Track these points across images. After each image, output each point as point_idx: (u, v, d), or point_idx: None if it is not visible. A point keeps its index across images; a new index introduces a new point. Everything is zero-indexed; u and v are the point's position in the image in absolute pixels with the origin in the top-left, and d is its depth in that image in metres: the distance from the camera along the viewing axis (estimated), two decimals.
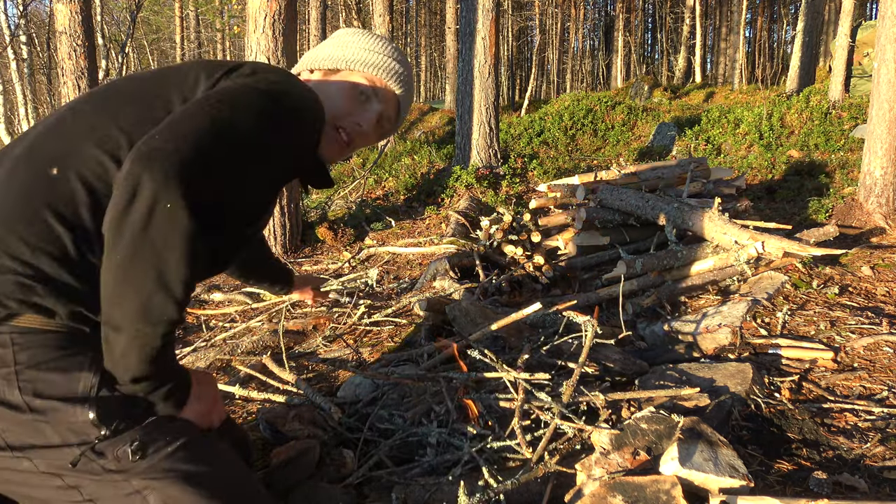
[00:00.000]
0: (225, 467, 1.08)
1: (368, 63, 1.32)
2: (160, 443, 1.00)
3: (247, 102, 1.04)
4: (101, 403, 0.98)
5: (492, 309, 2.64)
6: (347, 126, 1.30)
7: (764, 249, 3.01)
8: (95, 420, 0.97)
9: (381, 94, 1.34)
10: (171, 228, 0.90)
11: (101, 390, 0.99)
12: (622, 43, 31.41)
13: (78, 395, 0.98)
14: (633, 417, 1.64)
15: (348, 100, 1.30)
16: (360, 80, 1.31)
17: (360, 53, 1.32)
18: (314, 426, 1.77)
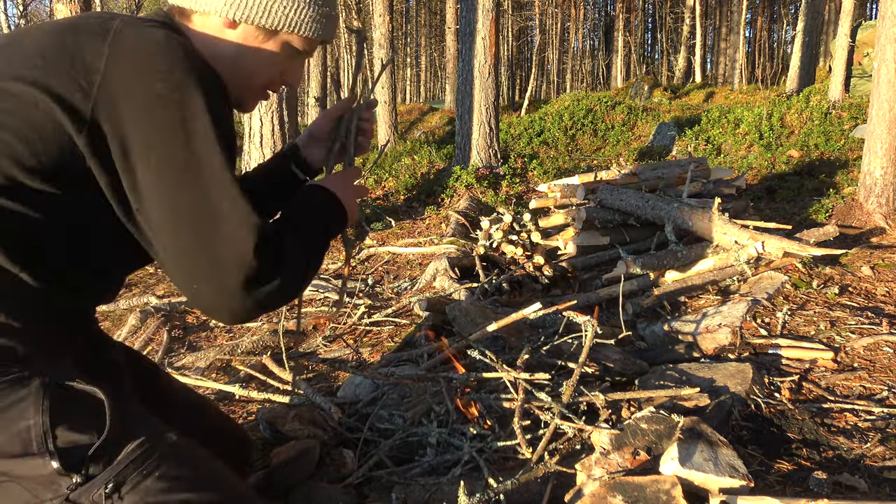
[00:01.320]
0: (206, 480, 1.03)
1: (309, 20, 1.12)
2: (135, 477, 0.93)
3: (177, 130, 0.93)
4: (61, 450, 0.90)
5: (492, 309, 2.64)
6: (276, 86, 1.21)
7: (764, 249, 3.01)
8: (61, 470, 0.89)
9: (313, 45, 1.18)
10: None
11: (57, 430, 0.90)
12: (622, 43, 31.42)
13: (34, 448, 0.89)
14: (633, 417, 1.64)
15: (281, 62, 1.15)
16: (297, 44, 1.14)
17: (300, 9, 1.11)
18: (314, 426, 1.77)
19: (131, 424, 0.99)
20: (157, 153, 0.92)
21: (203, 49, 1.06)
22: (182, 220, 0.93)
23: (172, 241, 0.94)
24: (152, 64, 0.92)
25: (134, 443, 0.96)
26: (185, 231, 0.93)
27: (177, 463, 0.99)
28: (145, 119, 0.91)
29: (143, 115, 0.91)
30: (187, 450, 1.05)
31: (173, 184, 0.92)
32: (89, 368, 1.04)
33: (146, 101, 0.91)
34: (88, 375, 0.99)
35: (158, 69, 0.92)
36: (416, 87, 38.25)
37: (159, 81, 0.91)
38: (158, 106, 0.91)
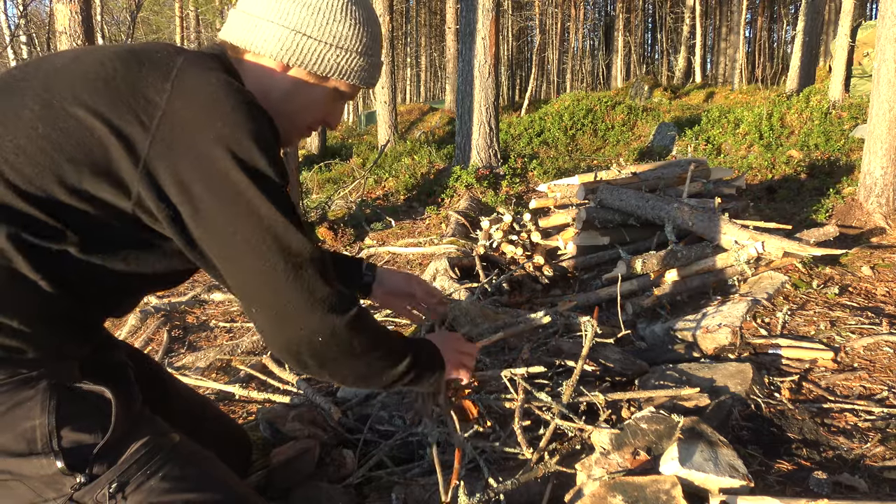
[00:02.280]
0: (209, 480, 1.04)
1: (359, 69, 1.15)
2: (139, 477, 0.95)
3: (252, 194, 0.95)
4: (66, 450, 0.91)
5: (492, 309, 2.64)
6: (318, 126, 1.24)
7: (764, 249, 3.01)
8: (65, 469, 0.91)
9: (358, 90, 1.21)
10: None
11: (63, 430, 0.92)
12: (622, 43, 31.42)
13: (38, 447, 0.91)
14: (633, 417, 1.64)
15: (326, 105, 1.19)
16: (344, 89, 1.17)
17: (352, 59, 1.13)
18: (314, 426, 1.77)
19: (136, 425, 1.00)
20: (214, 197, 0.93)
21: (253, 86, 1.07)
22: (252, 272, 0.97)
23: (247, 288, 1.00)
24: (214, 108, 0.94)
25: (138, 443, 0.97)
26: (258, 284, 0.98)
27: (180, 463, 1.00)
28: (206, 162, 0.92)
29: (204, 159, 0.92)
30: (190, 450, 1.06)
31: (235, 232, 0.95)
32: (96, 369, 1.04)
33: (207, 144, 0.92)
34: (95, 376, 1.00)
35: (220, 113, 0.93)
36: (416, 87, 38.25)
37: (221, 124, 0.93)
38: (219, 150, 0.92)
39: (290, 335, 1.01)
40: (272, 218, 0.95)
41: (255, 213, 0.94)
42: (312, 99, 1.15)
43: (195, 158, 0.92)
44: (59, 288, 0.95)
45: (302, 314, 0.99)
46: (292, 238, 0.96)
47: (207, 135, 0.92)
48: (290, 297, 0.98)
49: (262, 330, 1.04)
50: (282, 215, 0.95)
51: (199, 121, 0.92)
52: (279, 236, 0.95)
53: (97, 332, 1.14)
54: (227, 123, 0.93)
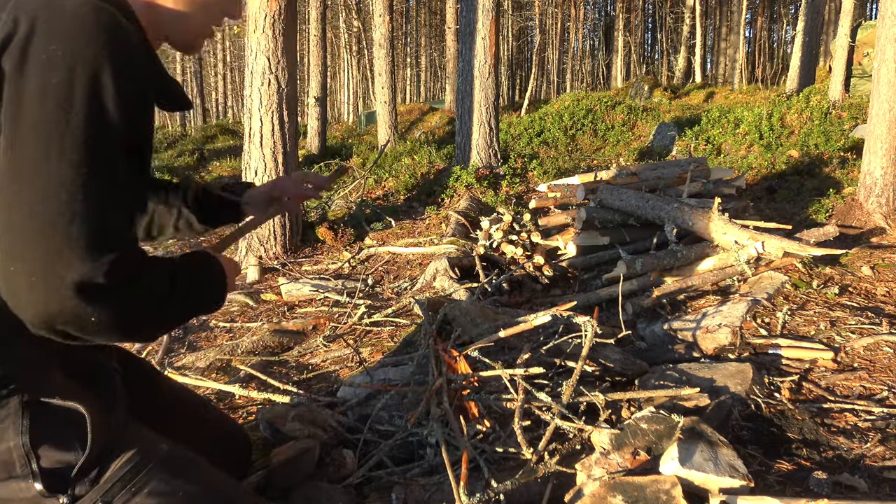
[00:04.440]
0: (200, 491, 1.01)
1: None
2: (124, 495, 0.91)
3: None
4: (45, 471, 0.87)
5: (492, 309, 2.64)
6: (219, 21, 1.15)
7: (764, 249, 3.01)
8: (44, 492, 0.87)
9: None
10: None
11: (40, 449, 0.88)
12: (622, 43, 31.42)
13: (17, 470, 0.87)
14: (633, 417, 1.64)
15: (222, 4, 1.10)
16: None
17: None
18: (314, 426, 1.77)
19: (120, 437, 0.97)
20: (44, 116, 0.80)
21: (141, 4, 1.01)
22: (45, 188, 0.80)
23: (13, 205, 0.80)
24: (58, 23, 0.82)
25: (123, 458, 0.94)
26: (36, 200, 0.80)
27: (167, 477, 0.97)
28: (37, 76, 0.80)
29: (36, 71, 0.81)
30: (179, 461, 1.02)
31: (52, 152, 0.80)
32: (78, 378, 0.99)
33: (41, 59, 0.81)
34: (77, 385, 0.96)
35: (62, 30, 0.82)
36: (416, 87, 38.24)
37: (66, 42, 0.82)
38: (61, 66, 0.81)
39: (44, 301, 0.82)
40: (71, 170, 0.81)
41: (57, 158, 0.80)
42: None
43: (27, 81, 0.81)
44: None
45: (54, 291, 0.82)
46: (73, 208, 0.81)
47: (42, 55, 0.81)
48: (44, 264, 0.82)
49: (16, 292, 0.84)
50: (85, 171, 0.81)
51: (41, 39, 0.82)
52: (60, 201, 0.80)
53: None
54: (68, 44, 0.81)
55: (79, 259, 0.81)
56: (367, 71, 28.86)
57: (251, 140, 4.80)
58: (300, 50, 22.21)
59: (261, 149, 4.75)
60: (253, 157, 4.80)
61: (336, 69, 34.33)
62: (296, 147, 5.02)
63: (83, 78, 0.82)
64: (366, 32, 25.20)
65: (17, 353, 0.91)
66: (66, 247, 0.80)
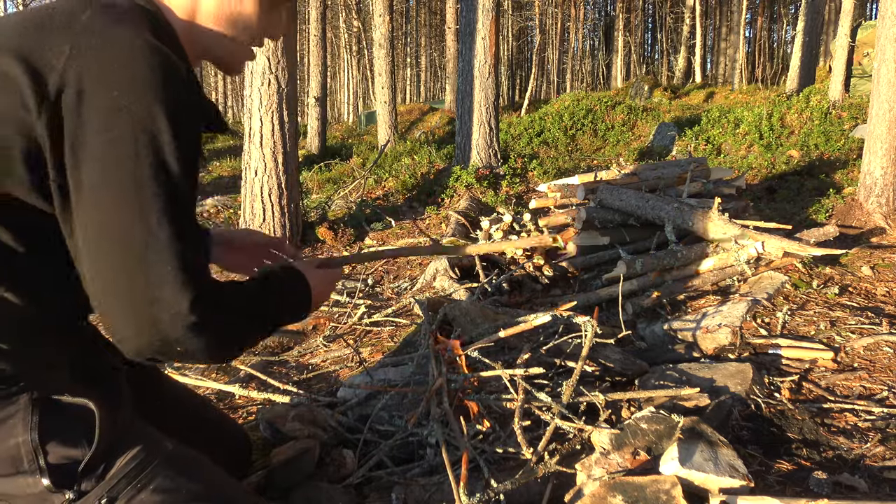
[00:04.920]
0: (203, 490, 1.01)
1: None
2: (129, 492, 0.92)
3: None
4: (52, 467, 0.88)
5: (492, 309, 2.64)
6: (260, 42, 1.13)
7: (764, 249, 3.01)
8: (52, 487, 0.88)
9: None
10: None
11: (48, 445, 0.89)
12: (622, 43, 31.42)
13: (24, 466, 0.88)
14: (633, 417, 1.64)
15: (261, 16, 1.09)
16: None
17: None
18: (314, 426, 1.77)
19: (125, 435, 0.98)
20: (109, 164, 0.83)
21: (179, 20, 1.01)
22: (128, 232, 0.84)
23: (101, 249, 0.85)
24: (118, 73, 0.84)
25: (128, 455, 0.95)
26: (121, 244, 0.84)
27: (172, 474, 0.98)
28: (98, 125, 0.83)
29: (97, 121, 0.83)
30: (183, 459, 1.03)
31: (128, 198, 0.84)
32: (85, 376, 1.01)
33: (100, 107, 0.83)
34: (84, 384, 0.97)
35: (124, 80, 0.84)
36: (416, 87, 38.24)
37: (117, 90, 0.83)
38: (120, 116, 0.83)
39: (137, 335, 0.86)
40: (147, 213, 0.84)
41: (135, 202, 0.83)
42: (245, 15, 1.06)
43: (88, 129, 0.83)
44: (24, 296, 0.91)
45: (147, 326, 0.86)
46: (152, 263, 0.84)
47: (102, 103, 0.83)
48: (135, 305, 0.85)
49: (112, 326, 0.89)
50: (160, 212, 0.84)
51: (96, 87, 0.83)
52: (141, 257, 0.84)
53: (77, 335, 1.10)
54: (126, 92, 0.83)
55: (168, 296, 0.84)
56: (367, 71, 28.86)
57: (251, 140, 4.80)
58: (300, 50, 22.20)
59: (261, 149, 4.75)
60: (253, 157, 4.80)
61: (336, 69, 34.33)
62: (296, 147, 5.02)
63: (145, 122, 0.84)
64: (366, 32, 25.21)
65: (32, 353, 0.93)
66: (153, 286, 0.83)
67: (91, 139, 0.83)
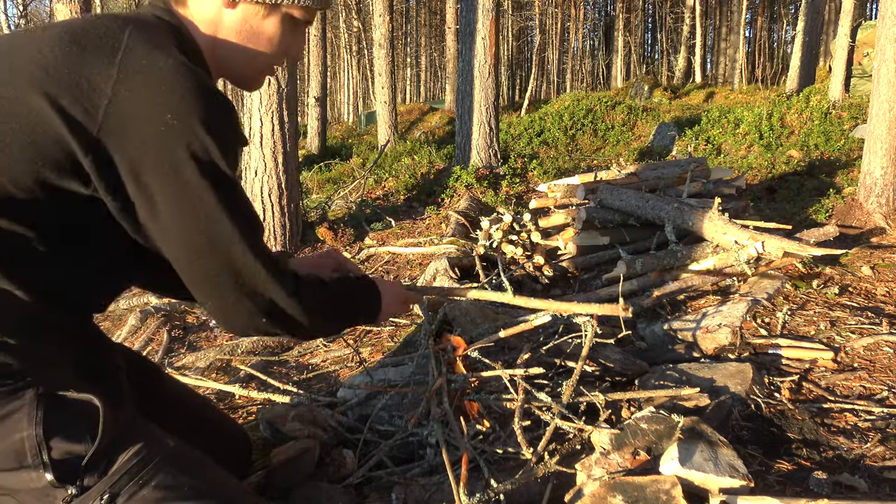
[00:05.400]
0: (204, 487, 1.02)
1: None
2: (131, 488, 0.93)
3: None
4: (55, 462, 0.89)
5: (492, 309, 2.64)
6: (281, 60, 1.17)
7: (764, 249, 3.01)
8: (55, 482, 0.88)
9: (313, 14, 1.14)
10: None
11: (52, 441, 0.90)
12: (622, 43, 31.42)
13: (28, 460, 0.89)
14: (633, 417, 1.64)
15: (283, 36, 1.11)
16: (298, 14, 1.10)
17: None
18: (314, 426, 1.77)
19: (127, 432, 0.98)
20: (167, 195, 0.92)
21: (203, 35, 1.04)
22: (206, 243, 0.97)
23: (190, 263, 0.99)
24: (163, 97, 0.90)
25: (130, 451, 0.95)
26: (204, 255, 0.97)
27: (173, 471, 0.98)
28: (159, 157, 0.90)
29: (156, 153, 0.90)
30: (185, 457, 1.03)
31: (189, 214, 0.94)
32: (88, 374, 1.02)
33: (158, 137, 0.90)
34: (86, 381, 0.98)
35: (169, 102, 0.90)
36: (416, 87, 38.23)
37: (170, 116, 0.90)
38: (170, 136, 0.90)
39: (242, 325, 1.06)
40: (219, 222, 0.96)
41: (204, 215, 0.94)
42: (267, 33, 1.09)
43: (147, 152, 0.90)
44: (34, 294, 0.93)
45: (246, 316, 1.04)
46: (236, 249, 0.98)
47: (158, 126, 0.89)
48: (234, 300, 1.02)
49: (217, 319, 1.08)
50: (229, 219, 0.96)
51: (149, 111, 0.89)
52: (223, 247, 0.97)
53: (81, 333, 1.11)
54: (178, 114, 0.90)
55: (259, 290, 1.01)
56: (367, 71, 28.85)
57: (251, 140, 4.80)
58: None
59: (261, 149, 4.75)
60: (253, 157, 4.80)
61: (336, 69, 34.32)
62: (296, 147, 5.02)
63: (198, 141, 0.91)
64: (366, 32, 25.20)
65: (37, 349, 0.95)
66: (242, 284, 1.00)
67: (151, 158, 0.90)
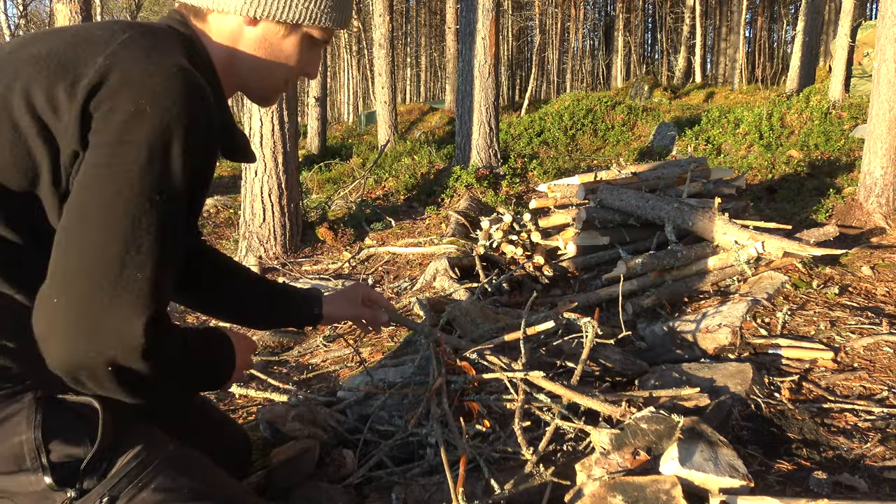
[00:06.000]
0: (204, 489, 1.01)
1: (328, 10, 1.08)
2: (130, 490, 0.93)
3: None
4: (54, 465, 0.89)
5: (492, 309, 2.64)
6: (297, 79, 1.17)
7: (764, 249, 3.01)
8: (54, 485, 0.88)
9: (331, 34, 1.14)
10: None
11: (51, 444, 0.90)
12: (622, 43, 31.42)
13: (27, 464, 0.88)
14: (633, 417, 1.64)
15: (301, 55, 1.11)
16: (317, 34, 1.10)
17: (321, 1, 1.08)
18: (314, 426, 1.77)
19: (127, 434, 0.98)
20: (109, 153, 0.85)
21: (220, 51, 1.04)
22: (105, 235, 0.83)
23: (72, 242, 0.84)
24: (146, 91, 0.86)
25: (129, 454, 0.95)
26: (94, 244, 0.83)
27: (173, 473, 0.98)
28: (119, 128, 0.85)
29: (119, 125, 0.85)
30: (184, 458, 1.03)
31: (119, 202, 0.84)
32: None
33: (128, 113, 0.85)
34: None
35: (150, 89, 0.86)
36: (416, 87, 38.23)
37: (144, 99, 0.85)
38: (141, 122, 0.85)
39: (71, 353, 0.85)
40: (138, 222, 0.84)
41: (123, 203, 0.84)
42: (286, 51, 1.09)
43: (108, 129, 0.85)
44: (30, 296, 0.91)
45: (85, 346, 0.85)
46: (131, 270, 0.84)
47: (128, 108, 0.85)
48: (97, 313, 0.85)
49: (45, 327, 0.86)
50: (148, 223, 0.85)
51: (126, 94, 0.85)
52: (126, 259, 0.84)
53: None
54: (154, 102, 0.85)
55: (120, 312, 0.83)
56: (367, 71, 28.85)
57: (251, 140, 4.80)
58: None
59: (261, 149, 4.75)
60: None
61: (336, 69, 34.32)
62: (296, 147, 5.02)
63: (161, 137, 0.85)
64: (366, 32, 25.20)
65: (37, 352, 0.93)
66: (110, 296, 0.83)
67: (107, 138, 0.85)
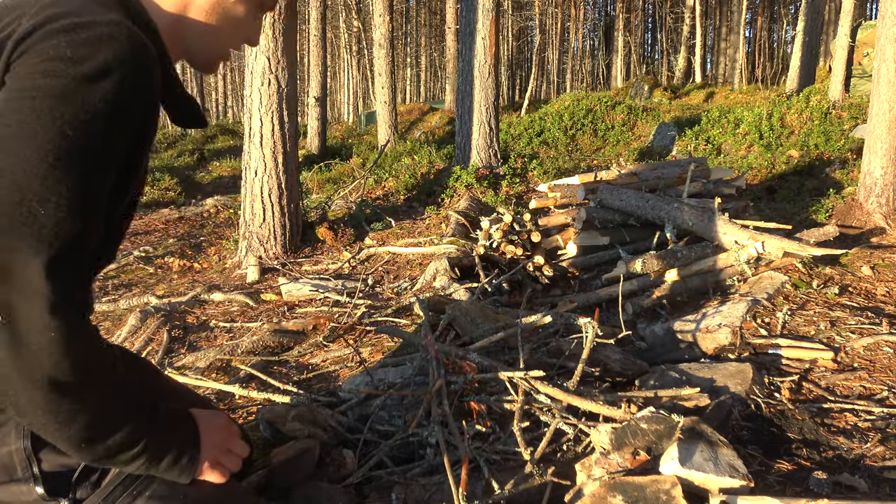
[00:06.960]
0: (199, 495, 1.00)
1: None
2: (125, 499, 0.91)
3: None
4: (46, 475, 0.87)
5: (492, 309, 2.64)
6: (239, 44, 1.13)
7: (764, 249, 3.01)
8: (45, 496, 0.86)
9: (276, 1, 1.13)
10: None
11: (41, 453, 0.87)
12: (622, 43, 31.41)
13: (18, 474, 0.86)
14: (633, 417, 1.64)
15: (248, 21, 1.09)
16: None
17: None
18: (314, 426, 1.77)
19: None
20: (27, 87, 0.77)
21: (163, 13, 1.00)
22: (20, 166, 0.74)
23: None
24: (75, 31, 0.79)
25: None
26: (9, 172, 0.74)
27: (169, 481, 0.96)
28: (42, 69, 0.77)
29: (38, 66, 0.77)
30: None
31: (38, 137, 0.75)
32: None
33: (49, 58, 0.77)
34: None
35: (79, 38, 0.79)
36: (416, 87, 38.23)
37: (72, 47, 0.78)
38: (63, 67, 0.77)
39: None
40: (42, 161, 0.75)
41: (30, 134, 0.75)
42: (237, 17, 1.07)
43: (34, 72, 0.77)
44: None
45: None
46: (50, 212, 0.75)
47: (54, 52, 0.78)
48: None
49: None
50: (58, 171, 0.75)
51: (56, 39, 0.79)
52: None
53: None
54: (84, 50, 0.78)
55: (11, 245, 0.72)
56: (367, 71, 28.85)
57: (251, 140, 4.80)
58: (300, 50, 22.20)
59: (261, 149, 4.75)
60: (253, 157, 4.80)
61: (336, 69, 34.32)
62: (296, 147, 5.02)
63: (90, 83, 0.78)
64: (366, 32, 25.21)
65: None
66: (23, 225, 0.73)
67: (26, 71, 0.77)
